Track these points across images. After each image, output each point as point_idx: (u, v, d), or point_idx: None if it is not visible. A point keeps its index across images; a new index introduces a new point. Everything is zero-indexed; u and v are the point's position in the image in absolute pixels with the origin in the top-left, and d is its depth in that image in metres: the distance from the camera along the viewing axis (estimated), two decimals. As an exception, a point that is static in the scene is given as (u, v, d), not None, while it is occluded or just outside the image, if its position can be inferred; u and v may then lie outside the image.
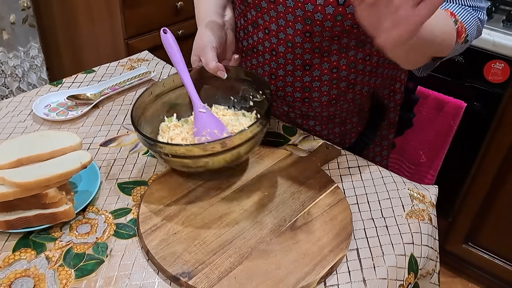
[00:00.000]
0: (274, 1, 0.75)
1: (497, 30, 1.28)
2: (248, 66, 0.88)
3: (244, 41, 0.86)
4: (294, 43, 0.78)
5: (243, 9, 0.82)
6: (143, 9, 1.55)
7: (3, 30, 1.64)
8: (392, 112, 0.95)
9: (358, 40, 0.77)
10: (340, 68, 0.81)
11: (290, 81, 0.83)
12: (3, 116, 0.90)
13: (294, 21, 0.75)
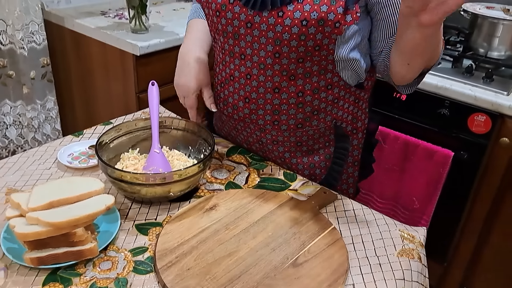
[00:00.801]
0: (250, 27, 0.88)
1: (477, 86, 1.41)
2: (225, 94, 0.99)
3: (223, 72, 0.98)
4: (266, 64, 0.90)
5: (222, 41, 0.95)
6: (153, 66, 1.69)
7: (24, 85, 1.77)
8: (356, 149, 1.04)
9: (320, 66, 0.89)
10: (305, 93, 0.92)
11: (261, 104, 0.95)
12: (31, 164, 0.99)
13: (266, 43, 0.87)
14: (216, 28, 0.94)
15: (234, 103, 0.98)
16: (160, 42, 1.66)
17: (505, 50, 1.54)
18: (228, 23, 0.90)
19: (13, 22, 1.65)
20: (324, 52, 0.86)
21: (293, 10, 0.82)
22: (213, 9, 0.91)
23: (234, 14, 0.88)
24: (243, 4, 0.86)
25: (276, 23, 0.84)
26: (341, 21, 0.82)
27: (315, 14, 0.81)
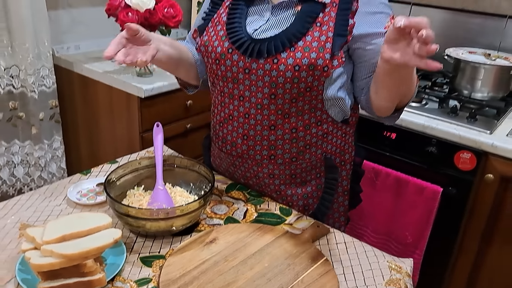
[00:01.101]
0: (248, 72, 0.97)
1: (462, 125, 1.49)
2: (224, 133, 1.07)
3: (222, 112, 1.06)
4: (263, 105, 0.98)
5: (222, 85, 1.03)
6: (157, 107, 1.78)
7: (33, 126, 1.86)
8: (345, 180, 1.12)
9: (310, 105, 0.98)
10: (298, 129, 1.01)
11: (259, 140, 1.03)
12: (42, 201, 1.06)
13: (263, 86, 0.96)
14: (216, 74, 1.03)
15: (233, 140, 1.06)
16: (164, 85, 1.76)
17: (487, 92, 1.64)
18: (227, 69, 0.99)
19: (25, 67, 1.76)
20: (314, 93, 0.96)
21: (286, 57, 0.92)
22: (212, 58, 1.01)
23: (233, 62, 0.98)
24: (241, 53, 0.96)
25: (271, 69, 0.94)
26: (328, 65, 0.92)
27: (306, 60, 0.91)
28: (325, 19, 0.93)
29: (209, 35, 1.02)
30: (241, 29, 0.97)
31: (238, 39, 0.96)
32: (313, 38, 0.92)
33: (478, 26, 1.86)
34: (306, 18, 0.94)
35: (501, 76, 1.62)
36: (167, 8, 1.68)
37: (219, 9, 1.04)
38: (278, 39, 0.93)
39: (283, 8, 0.98)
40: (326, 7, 0.93)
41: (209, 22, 1.04)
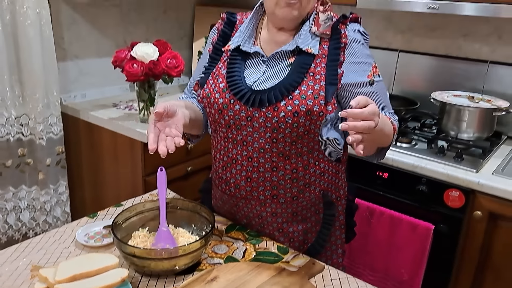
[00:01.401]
0: (250, 120, 1.05)
1: (449, 165, 1.57)
2: (228, 176, 1.13)
3: (225, 156, 1.13)
4: (265, 148, 1.06)
5: (225, 131, 1.11)
6: (159, 152, 1.86)
7: (40, 171, 1.93)
8: (341, 214, 1.19)
9: (308, 146, 1.07)
10: (298, 170, 1.09)
11: (262, 182, 1.10)
12: (52, 244, 1.12)
13: (265, 131, 1.05)
14: (218, 122, 1.11)
15: (237, 183, 1.12)
16: (166, 131, 1.85)
17: (473, 132, 1.73)
18: (230, 118, 1.08)
19: (35, 116, 1.85)
20: (312, 135, 1.05)
21: (285, 105, 1.02)
22: (215, 108, 1.09)
23: (235, 111, 1.07)
24: (243, 103, 1.05)
25: (272, 116, 1.03)
26: (323, 110, 1.02)
27: (303, 107, 1.01)
28: (317, 69, 1.04)
29: (210, 88, 1.11)
30: (240, 81, 1.07)
31: (239, 90, 1.05)
32: (308, 86, 1.02)
33: (462, 70, 1.98)
34: (299, 69, 1.04)
35: (485, 118, 1.72)
36: (170, 59, 1.80)
37: (218, 64, 1.14)
38: (277, 89, 1.03)
39: (277, 60, 1.08)
40: (316, 58, 1.04)
41: (209, 75, 1.13)
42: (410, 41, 2.12)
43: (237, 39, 1.12)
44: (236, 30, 1.15)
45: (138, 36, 2.34)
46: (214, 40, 1.18)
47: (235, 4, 2.60)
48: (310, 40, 1.05)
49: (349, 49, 1.06)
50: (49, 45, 1.85)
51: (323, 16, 1.07)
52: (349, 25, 1.07)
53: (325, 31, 1.06)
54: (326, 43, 1.06)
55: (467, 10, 1.59)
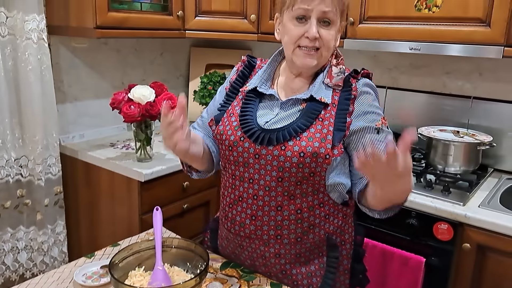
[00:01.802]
0: (258, 157, 1.09)
1: (437, 198, 1.62)
2: (233, 214, 1.16)
3: (232, 194, 1.16)
4: (270, 187, 1.09)
5: (233, 168, 1.15)
6: (156, 190, 1.90)
7: (38, 212, 1.96)
8: (345, 259, 1.20)
9: (313, 187, 1.09)
10: (303, 210, 1.11)
11: (266, 221, 1.12)
12: (50, 284, 1.14)
13: (271, 170, 1.08)
14: (228, 159, 1.15)
15: (241, 221, 1.15)
16: (162, 169, 1.90)
17: (459, 166, 1.79)
18: (239, 155, 1.12)
19: (34, 158, 1.90)
20: (317, 178, 1.08)
21: (292, 145, 1.06)
22: (226, 145, 1.14)
23: (244, 148, 1.11)
24: (252, 141, 1.10)
25: (279, 155, 1.07)
26: (330, 154, 1.06)
27: (310, 148, 1.05)
28: (326, 115, 1.09)
29: (224, 125, 1.16)
30: (252, 120, 1.12)
31: (250, 128, 1.11)
32: (316, 130, 1.07)
33: (448, 106, 2.06)
34: (310, 114, 1.09)
35: (470, 152, 1.78)
36: (166, 100, 1.86)
37: (233, 102, 1.20)
38: (286, 130, 1.08)
39: (291, 105, 1.14)
40: (327, 107, 1.10)
41: (224, 113, 1.19)
42: (396, 79, 2.21)
43: (254, 81, 1.18)
44: (255, 74, 1.23)
45: (136, 77, 2.42)
46: (233, 79, 1.24)
47: (229, 46, 2.71)
48: (323, 90, 1.11)
49: (359, 100, 1.11)
50: (49, 88, 1.92)
51: (336, 70, 1.14)
52: (360, 80, 1.14)
53: (338, 83, 1.12)
54: (337, 94, 1.12)
55: (449, 51, 1.68)
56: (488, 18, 1.58)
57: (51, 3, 1.94)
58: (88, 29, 1.85)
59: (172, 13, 2.12)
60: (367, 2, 1.84)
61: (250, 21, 2.20)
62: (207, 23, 2.21)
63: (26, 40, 1.81)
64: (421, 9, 1.70)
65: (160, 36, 2.13)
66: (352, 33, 1.90)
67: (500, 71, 1.93)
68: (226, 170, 1.19)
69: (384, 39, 1.81)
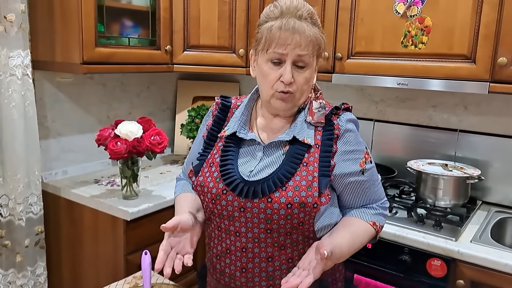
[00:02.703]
0: (243, 211, 1.05)
1: (429, 233, 1.60)
2: (222, 266, 1.11)
3: (218, 246, 1.12)
4: (260, 238, 1.05)
5: (218, 221, 1.10)
6: (143, 229, 1.85)
7: (18, 253, 1.87)
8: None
9: (304, 235, 1.07)
10: (294, 259, 1.07)
11: (257, 272, 1.07)
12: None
13: (258, 222, 1.04)
14: (212, 211, 1.10)
15: (231, 273, 1.10)
16: (149, 207, 1.85)
17: (449, 200, 1.79)
18: (223, 208, 1.08)
19: (15, 197, 1.83)
20: (306, 226, 1.05)
21: (279, 196, 1.02)
22: (208, 198, 1.09)
23: (228, 202, 1.07)
24: (236, 194, 1.05)
25: (266, 207, 1.03)
26: (317, 202, 1.03)
27: (297, 198, 1.02)
28: (310, 159, 1.07)
29: (204, 176, 1.11)
30: (233, 171, 1.08)
31: (232, 181, 1.06)
32: (301, 177, 1.04)
33: (434, 139, 2.08)
34: (293, 159, 1.06)
35: (459, 185, 1.78)
36: (154, 136, 1.84)
37: (212, 150, 1.15)
38: (270, 179, 1.04)
39: (274, 148, 1.11)
40: (310, 148, 1.08)
41: (204, 162, 1.14)
42: (383, 112, 2.22)
43: (232, 125, 1.14)
44: (231, 115, 1.18)
45: (122, 111, 2.39)
46: (209, 125, 1.19)
47: (217, 78, 2.72)
48: (306, 129, 1.09)
49: (342, 139, 1.10)
50: (32, 125, 1.87)
51: (316, 104, 1.11)
52: (341, 115, 1.12)
53: (320, 120, 1.10)
54: (319, 133, 1.09)
55: (434, 86, 1.71)
56: (473, 55, 1.62)
57: (36, 38, 1.92)
58: (74, 65, 1.82)
59: (160, 48, 2.12)
60: (354, 38, 1.87)
61: (238, 55, 2.21)
62: (196, 57, 2.21)
63: (10, 77, 1.77)
64: (407, 46, 1.73)
65: (148, 70, 2.12)
66: (340, 68, 1.92)
67: (484, 104, 1.97)
68: (210, 221, 1.14)
69: (371, 73, 1.84)
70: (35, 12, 1.90)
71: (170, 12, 2.14)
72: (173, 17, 2.15)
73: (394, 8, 1.74)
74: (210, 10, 2.18)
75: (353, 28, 1.87)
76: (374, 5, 1.79)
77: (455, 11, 1.62)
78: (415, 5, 1.69)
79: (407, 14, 1.71)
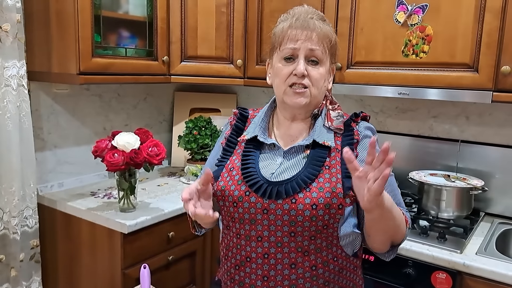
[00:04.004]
0: (266, 213, 1.03)
1: (434, 246, 1.57)
2: (241, 276, 1.07)
3: (237, 255, 1.08)
4: (283, 243, 1.02)
5: (238, 227, 1.07)
6: (140, 242, 1.80)
7: (12, 268, 1.82)
8: None
9: (327, 241, 1.04)
10: (318, 266, 1.04)
11: (280, 280, 1.03)
12: None
13: (282, 225, 1.02)
14: (232, 216, 1.08)
15: (252, 283, 1.06)
16: (147, 219, 1.81)
17: (452, 211, 1.76)
18: (245, 211, 1.05)
19: (10, 210, 1.79)
20: (330, 230, 1.03)
21: (303, 197, 1.01)
22: (230, 201, 1.07)
23: (250, 204, 1.05)
24: (259, 195, 1.04)
25: (290, 208, 1.01)
26: (342, 203, 1.02)
27: (322, 199, 1.00)
28: (332, 162, 1.06)
29: (225, 180, 1.10)
30: (256, 173, 1.07)
31: (255, 182, 1.05)
32: (325, 179, 1.03)
33: (435, 149, 2.05)
34: (315, 162, 1.06)
35: (462, 196, 1.76)
36: (151, 147, 1.80)
37: (231, 156, 1.15)
38: (294, 181, 1.03)
39: (294, 153, 1.10)
40: (331, 152, 1.07)
41: (223, 168, 1.13)
42: (383, 122, 2.20)
43: (252, 130, 1.14)
44: (249, 124, 1.19)
45: (118, 122, 2.36)
46: (228, 133, 1.20)
47: (214, 90, 2.70)
48: (325, 134, 1.09)
49: (362, 145, 1.10)
50: (28, 136, 1.84)
51: (334, 113, 1.13)
52: (360, 123, 1.13)
53: (339, 126, 1.11)
54: (339, 139, 1.10)
55: (436, 95, 1.69)
56: (475, 64, 1.60)
57: (32, 49, 1.89)
58: (71, 75, 1.80)
59: (158, 59, 2.10)
60: (354, 48, 1.86)
61: (236, 66, 2.19)
62: (193, 68, 2.19)
63: (5, 87, 1.75)
64: (408, 55, 1.71)
65: (145, 81, 2.09)
66: (340, 78, 1.90)
67: (486, 115, 1.95)
68: (229, 229, 1.11)
69: (372, 83, 1.82)
70: (31, 22, 1.88)
71: (167, 22, 2.12)
72: (171, 28, 2.13)
73: (394, 17, 1.73)
74: (207, 21, 2.17)
75: (352, 37, 1.85)
76: (374, 14, 1.78)
77: (456, 19, 1.61)
78: (415, 14, 1.68)
79: (407, 23, 1.70)
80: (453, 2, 1.62)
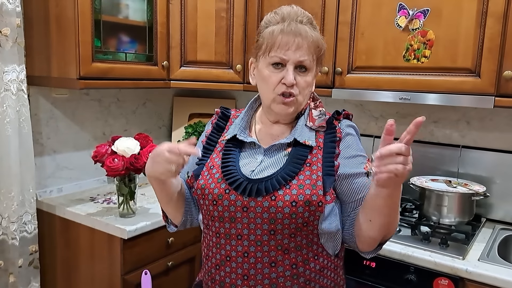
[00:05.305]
0: (246, 210, 1.02)
1: (436, 252, 1.56)
2: (222, 276, 1.06)
3: (217, 254, 1.07)
4: (262, 241, 1.02)
5: (218, 226, 1.06)
6: (140, 247, 1.79)
7: (11, 274, 1.81)
8: None
9: (307, 239, 1.03)
10: (298, 265, 1.03)
11: (260, 279, 1.03)
12: None
13: (261, 223, 1.01)
14: (212, 215, 1.08)
15: (232, 282, 1.05)
16: (147, 225, 1.79)
17: (454, 217, 1.75)
18: (224, 209, 1.05)
19: (9, 215, 1.78)
20: (310, 227, 1.03)
21: (283, 194, 1.01)
22: (209, 199, 1.07)
23: (230, 201, 1.04)
24: (239, 193, 1.03)
25: (270, 206, 1.01)
26: (322, 200, 1.01)
27: (302, 196, 1.00)
28: (313, 159, 1.06)
29: (205, 179, 1.10)
30: (236, 171, 1.07)
31: (235, 180, 1.05)
32: (305, 176, 1.03)
33: (436, 155, 2.04)
34: (296, 160, 1.06)
35: (464, 202, 1.75)
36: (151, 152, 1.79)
37: (212, 154, 1.15)
38: (274, 178, 1.03)
39: (275, 151, 1.10)
40: (312, 150, 1.07)
41: (204, 166, 1.13)
42: (383, 128, 2.19)
43: (232, 130, 1.15)
44: (230, 124, 1.19)
45: (117, 127, 2.35)
46: (209, 132, 1.21)
47: (213, 95, 2.69)
48: (307, 133, 1.09)
49: (344, 142, 1.10)
50: (27, 141, 1.83)
51: (316, 112, 1.13)
52: (342, 121, 1.13)
53: (321, 124, 1.11)
54: (321, 136, 1.10)
55: (438, 100, 1.68)
56: (477, 68, 1.59)
57: (32, 53, 1.89)
58: (71, 80, 1.79)
59: (157, 63, 2.09)
60: (355, 52, 1.85)
61: (236, 71, 2.18)
62: (192, 73, 2.19)
63: (5, 92, 1.74)
64: (409, 60, 1.71)
65: (145, 86, 2.08)
66: (340, 83, 1.89)
67: (487, 120, 1.94)
68: (208, 228, 1.11)
69: (372, 88, 1.81)
70: (31, 27, 1.87)
71: (167, 27, 2.11)
72: (170, 33, 2.13)
73: (395, 21, 1.73)
74: (207, 26, 2.16)
75: (353, 42, 1.85)
76: (375, 19, 1.78)
77: (458, 24, 1.61)
78: (417, 18, 1.67)
79: (409, 27, 1.70)
80: (454, 7, 1.62)
